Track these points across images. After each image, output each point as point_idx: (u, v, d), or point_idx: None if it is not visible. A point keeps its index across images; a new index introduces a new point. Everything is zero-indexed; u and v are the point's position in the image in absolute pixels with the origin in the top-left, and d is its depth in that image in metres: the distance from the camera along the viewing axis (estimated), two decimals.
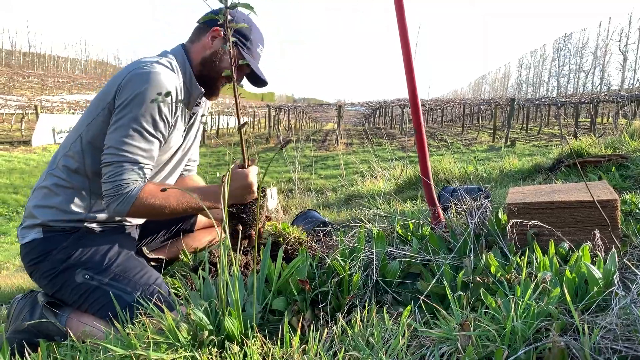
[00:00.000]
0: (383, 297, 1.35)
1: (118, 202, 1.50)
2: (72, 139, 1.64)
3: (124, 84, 1.52)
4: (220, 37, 1.70)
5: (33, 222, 1.59)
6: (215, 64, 1.72)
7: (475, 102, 25.49)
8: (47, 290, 1.62)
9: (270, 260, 1.37)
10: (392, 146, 15.48)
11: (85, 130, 1.61)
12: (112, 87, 1.55)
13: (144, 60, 1.59)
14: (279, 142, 18.01)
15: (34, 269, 1.60)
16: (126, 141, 1.50)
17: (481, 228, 1.56)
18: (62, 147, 1.68)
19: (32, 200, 1.64)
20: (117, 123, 1.51)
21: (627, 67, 41.55)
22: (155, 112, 1.53)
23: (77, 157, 1.61)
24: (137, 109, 1.49)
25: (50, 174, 1.64)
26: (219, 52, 1.71)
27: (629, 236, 1.44)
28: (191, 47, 1.74)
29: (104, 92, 1.58)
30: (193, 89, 1.73)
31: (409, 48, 1.73)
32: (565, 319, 0.98)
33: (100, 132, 1.57)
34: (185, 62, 1.71)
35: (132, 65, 1.58)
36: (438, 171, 4.33)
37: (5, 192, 12.00)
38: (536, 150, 12.77)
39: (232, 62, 1.41)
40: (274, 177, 11.88)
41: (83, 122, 1.63)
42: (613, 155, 2.82)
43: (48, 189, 1.62)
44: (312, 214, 2.65)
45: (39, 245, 1.58)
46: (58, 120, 20.31)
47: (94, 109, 1.60)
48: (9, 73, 54.05)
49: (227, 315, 1.13)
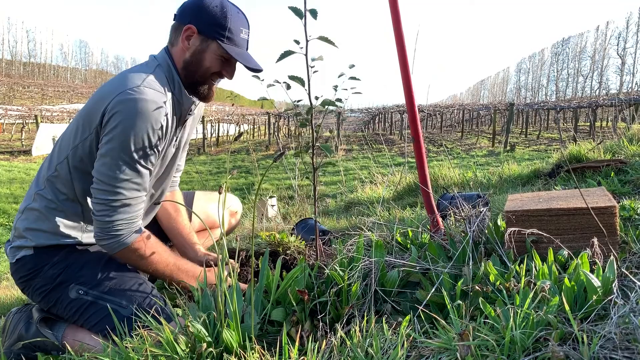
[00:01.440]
0: (382, 307, 1.34)
1: (107, 242, 1.48)
2: (57, 159, 1.57)
3: (111, 109, 1.42)
4: (196, 35, 1.58)
5: (25, 243, 1.55)
6: (198, 66, 1.60)
7: (474, 107, 25.54)
8: (42, 306, 1.60)
9: (268, 270, 1.37)
10: (391, 152, 15.50)
11: (72, 154, 1.53)
12: (98, 109, 1.45)
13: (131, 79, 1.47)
14: (279, 149, 18.04)
15: (26, 286, 1.57)
16: (117, 176, 1.43)
17: (480, 236, 1.56)
18: (47, 166, 1.60)
19: (23, 221, 1.58)
20: (106, 155, 1.43)
21: (626, 70, 41.65)
22: (146, 143, 1.45)
23: (65, 182, 1.55)
24: (126, 141, 1.41)
25: (40, 195, 1.57)
26: (198, 52, 1.58)
27: (628, 243, 1.44)
28: (173, 51, 1.62)
29: (89, 114, 1.49)
30: (184, 100, 1.63)
31: (407, 61, 1.73)
32: (564, 328, 0.97)
33: (87, 156, 1.51)
34: (171, 70, 1.60)
35: (119, 84, 1.46)
36: (437, 177, 4.33)
37: (6, 201, 12.00)
38: (536, 154, 12.78)
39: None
40: (273, 184, 11.87)
41: (68, 142, 1.55)
42: (612, 160, 2.81)
43: (39, 211, 1.56)
44: (311, 222, 2.65)
45: (29, 262, 1.55)
46: (58, 130, 20.35)
47: (80, 131, 1.51)
48: (9, 83, 54.17)
49: (226, 327, 1.12)
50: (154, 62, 1.60)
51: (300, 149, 1.53)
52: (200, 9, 1.57)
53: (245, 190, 5.68)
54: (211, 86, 1.67)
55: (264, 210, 4.68)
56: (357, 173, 7.74)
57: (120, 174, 1.44)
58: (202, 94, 1.66)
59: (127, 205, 1.47)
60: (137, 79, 1.47)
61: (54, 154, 1.59)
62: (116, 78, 1.52)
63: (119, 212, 1.46)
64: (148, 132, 1.44)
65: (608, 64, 44.60)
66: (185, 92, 1.63)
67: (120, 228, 1.47)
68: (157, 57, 1.62)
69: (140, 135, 1.42)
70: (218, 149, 22.22)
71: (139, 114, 1.41)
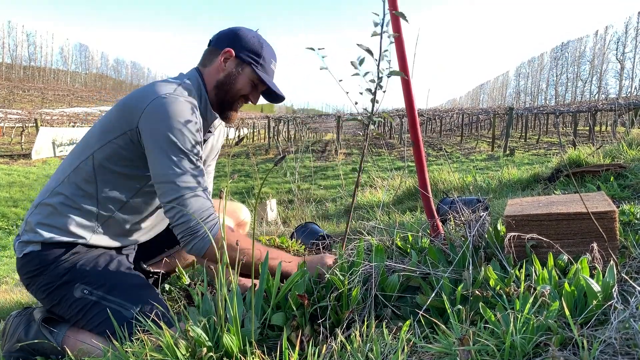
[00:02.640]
0: (382, 312, 1.34)
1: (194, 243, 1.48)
2: (81, 156, 1.60)
3: (148, 113, 1.48)
4: (233, 58, 1.68)
5: (34, 238, 1.56)
6: (230, 87, 1.70)
7: (473, 111, 25.59)
8: (45, 304, 1.60)
9: (268, 274, 1.37)
10: (391, 156, 15.51)
11: (98, 151, 1.57)
12: (132, 115, 1.51)
13: (162, 87, 1.55)
14: (279, 153, 18.08)
15: (31, 282, 1.58)
16: (176, 171, 1.47)
17: (480, 240, 1.56)
18: (68, 163, 1.63)
19: (35, 215, 1.59)
20: (157, 157, 1.47)
21: (625, 75, 41.80)
22: (190, 138, 1.50)
23: (88, 178, 1.58)
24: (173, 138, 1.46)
25: (57, 191, 1.59)
26: (232, 74, 1.69)
27: (627, 247, 1.44)
28: (204, 71, 1.71)
29: (122, 118, 1.54)
30: (208, 115, 1.71)
31: (406, 66, 1.74)
32: (564, 333, 0.97)
33: (116, 156, 1.55)
34: (200, 87, 1.68)
35: (151, 91, 1.53)
36: (437, 181, 4.34)
37: (5, 205, 12.00)
38: (535, 159, 12.80)
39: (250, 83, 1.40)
40: (273, 187, 11.88)
41: (95, 141, 1.58)
42: (611, 165, 2.82)
43: (53, 207, 1.58)
44: (311, 226, 2.65)
45: (36, 257, 1.55)
46: (58, 133, 20.38)
47: (110, 131, 1.55)
48: (10, 86, 54.28)
49: (226, 332, 1.12)
50: (182, 76, 1.69)
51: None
52: (239, 37, 1.70)
53: (245, 194, 5.69)
54: (236, 108, 1.76)
55: (264, 215, 4.69)
56: None
57: (178, 169, 1.47)
58: (226, 114, 1.76)
59: (197, 197, 1.49)
60: (168, 87, 1.56)
61: (76, 153, 1.63)
62: (147, 87, 1.59)
63: (192, 206, 1.48)
64: (189, 128, 1.50)
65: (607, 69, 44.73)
66: (210, 107, 1.71)
67: (196, 226, 1.48)
68: (186, 74, 1.71)
69: (183, 132, 1.48)
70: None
71: (178, 113, 1.49)
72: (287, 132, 28.27)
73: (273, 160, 17.78)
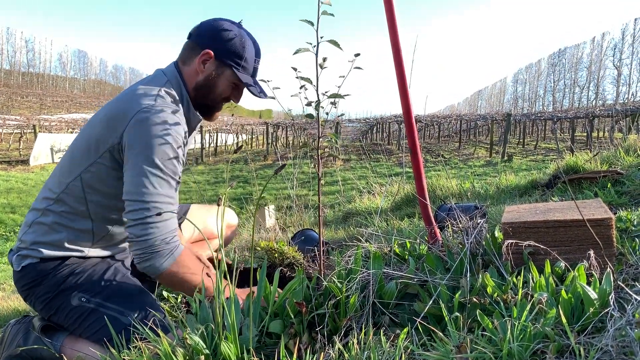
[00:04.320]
0: (380, 319, 1.34)
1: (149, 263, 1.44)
2: (69, 176, 1.57)
3: (130, 128, 1.44)
4: (212, 60, 1.63)
5: (32, 254, 1.56)
6: (210, 89, 1.66)
7: (471, 117, 25.65)
8: (43, 314, 1.60)
9: (266, 281, 1.37)
10: (389, 162, 15.53)
11: (85, 171, 1.54)
12: (116, 127, 1.48)
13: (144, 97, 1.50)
14: (277, 159, 18.08)
15: (29, 293, 1.58)
16: (149, 191, 1.42)
17: (477, 247, 1.56)
18: (56, 181, 1.60)
19: (30, 234, 1.57)
20: (134, 174, 1.43)
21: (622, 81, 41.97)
22: (171, 155, 1.47)
23: (79, 199, 1.56)
24: (152, 156, 1.42)
25: (50, 210, 1.57)
26: (212, 76, 1.64)
27: (624, 254, 1.45)
28: (184, 69, 1.66)
29: (106, 132, 1.50)
30: (192, 118, 1.68)
31: (404, 74, 1.75)
32: (561, 341, 0.98)
33: (104, 176, 1.53)
34: (181, 87, 1.64)
35: (133, 102, 1.49)
36: (435, 188, 4.34)
37: (3, 211, 11.97)
38: (533, 165, 12.82)
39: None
40: (272, 193, 11.86)
41: (81, 160, 1.55)
42: (609, 171, 2.83)
43: (48, 226, 1.56)
44: (309, 233, 2.65)
45: (33, 269, 1.55)
46: (56, 139, 20.35)
47: (94, 150, 1.52)
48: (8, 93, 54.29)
49: (224, 339, 1.12)
50: (162, 78, 1.63)
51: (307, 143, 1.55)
52: (219, 35, 1.62)
53: (243, 200, 5.69)
54: (219, 109, 1.74)
55: (262, 222, 4.68)
56: (355, 183, 7.75)
57: (152, 188, 1.43)
58: (208, 115, 1.74)
59: (163, 220, 1.45)
60: (149, 97, 1.50)
61: (64, 171, 1.59)
62: (127, 96, 1.54)
63: (157, 228, 1.43)
64: (172, 145, 1.46)
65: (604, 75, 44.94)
66: (194, 110, 1.68)
67: (159, 245, 1.43)
68: (165, 73, 1.65)
69: (164, 149, 1.45)
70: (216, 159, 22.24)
71: (161, 129, 1.44)
72: (285, 137, 28.29)
73: (271, 166, 17.78)
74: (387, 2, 1.71)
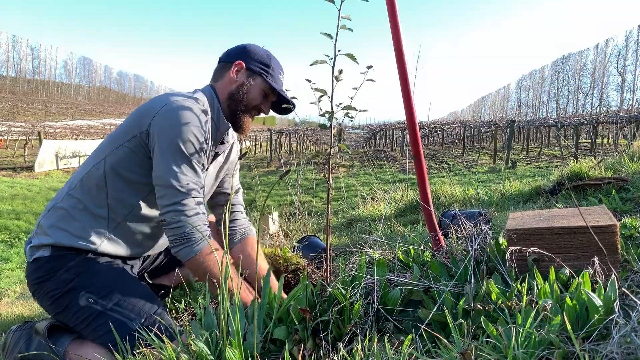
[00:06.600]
0: (384, 326, 1.34)
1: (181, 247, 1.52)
2: (93, 161, 1.65)
3: (158, 117, 1.55)
4: (244, 69, 1.76)
5: (45, 241, 1.59)
6: (242, 97, 1.76)
7: (475, 124, 25.64)
8: (49, 311, 1.62)
9: (271, 288, 1.37)
10: (393, 168, 15.52)
11: (109, 155, 1.62)
12: (144, 118, 1.58)
13: (174, 95, 1.62)
14: (280, 166, 18.11)
15: (38, 288, 1.59)
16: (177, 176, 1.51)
17: (482, 254, 1.56)
18: (82, 169, 1.69)
19: (48, 219, 1.63)
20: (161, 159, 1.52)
21: (626, 88, 41.90)
22: (196, 143, 1.56)
23: (99, 182, 1.62)
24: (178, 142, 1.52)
25: (69, 195, 1.64)
26: (244, 84, 1.76)
27: (629, 261, 1.44)
28: (216, 85, 1.79)
29: (133, 123, 1.60)
30: (220, 124, 1.76)
31: (407, 82, 1.76)
32: (566, 348, 0.97)
33: (126, 159, 1.60)
34: (213, 98, 1.74)
35: (163, 99, 1.60)
36: (439, 194, 4.34)
37: (7, 218, 11.99)
38: (537, 171, 12.78)
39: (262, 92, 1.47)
40: (275, 200, 11.88)
41: (106, 147, 1.64)
42: (613, 178, 2.82)
43: (66, 210, 1.62)
44: (313, 240, 2.65)
45: (46, 263, 1.58)
46: (61, 146, 20.46)
47: (121, 136, 1.61)
48: (14, 100, 54.67)
49: (228, 346, 1.13)
50: (196, 91, 1.76)
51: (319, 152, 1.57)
52: (248, 51, 1.79)
53: (247, 206, 5.71)
54: (250, 117, 1.82)
55: (266, 228, 4.69)
56: (359, 189, 7.75)
57: (179, 173, 1.52)
58: (239, 124, 1.81)
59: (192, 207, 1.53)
60: (180, 96, 1.63)
61: (90, 159, 1.68)
62: (161, 96, 1.66)
63: (190, 212, 1.52)
64: (195, 133, 1.56)
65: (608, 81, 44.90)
66: (223, 117, 1.77)
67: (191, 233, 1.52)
68: (200, 89, 1.79)
69: (190, 136, 1.54)
70: None
71: (188, 119, 1.55)
72: (288, 144, 28.34)
73: (275, 173, 17.80)
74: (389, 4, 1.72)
